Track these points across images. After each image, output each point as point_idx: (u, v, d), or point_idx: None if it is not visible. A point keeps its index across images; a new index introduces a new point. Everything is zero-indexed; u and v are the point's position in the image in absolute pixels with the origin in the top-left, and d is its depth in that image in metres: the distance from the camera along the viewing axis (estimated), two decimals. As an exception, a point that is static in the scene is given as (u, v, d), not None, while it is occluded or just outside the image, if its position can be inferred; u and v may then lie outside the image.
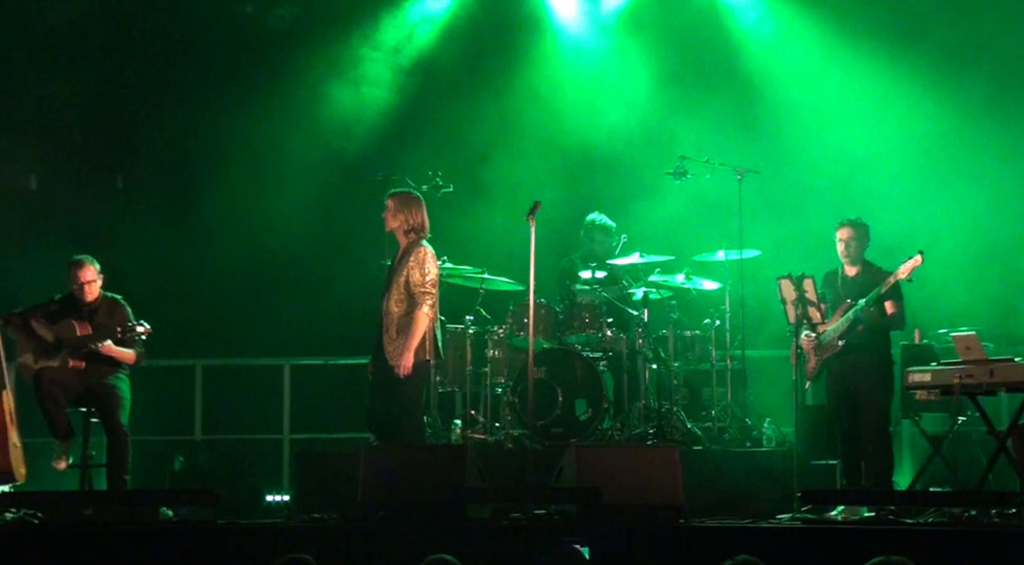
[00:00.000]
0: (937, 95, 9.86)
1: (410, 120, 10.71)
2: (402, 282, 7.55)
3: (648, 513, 6.97)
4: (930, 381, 7.56)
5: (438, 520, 6.85)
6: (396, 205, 7.75)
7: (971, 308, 9.28)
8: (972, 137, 9.83)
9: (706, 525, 7.08)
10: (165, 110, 10.79)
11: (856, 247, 8.08)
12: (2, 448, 7.80)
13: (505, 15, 10.84)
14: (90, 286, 8.19)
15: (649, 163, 9.78)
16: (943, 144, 9.90)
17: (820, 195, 9.78)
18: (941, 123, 9.86)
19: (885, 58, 10.06)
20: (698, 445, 8.43)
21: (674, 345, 8.89)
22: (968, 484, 7.54)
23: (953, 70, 9.92)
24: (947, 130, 9.86)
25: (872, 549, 5.30)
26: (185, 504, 7.72)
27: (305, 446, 9.86)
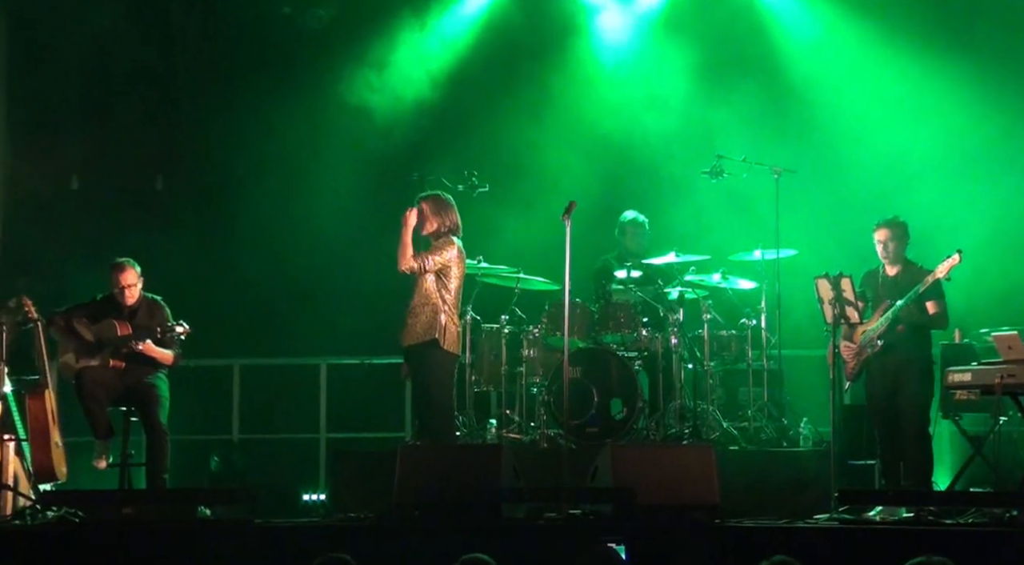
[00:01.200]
0: (978, 95, 9.76)
1: (446, 120, 10.71)
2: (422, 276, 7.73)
3: (684, 513, 6.95)
4: (971, 381, 7.53)
5: (473, 519, 6.85)
6: (430, 209, 7.87)
7: (1013, 308, 9.18)
8: (1016, 138, 9.74)
9: (742, 525, 7.03)
10: (205, 112, 10.84)
11: (895, 247, 8.04)
12: (44, 447, 7.90)
13: (542, 15, 10.81)
14: (131, 289, 8.25)
15: (686, 162, 9.75)
16: (984, 144, 9.80)
17: (858, 194, 9.72)
18: (982, 122, 9.75)
19: (925, 58, 9.96)
20: (734, 445, 8.42)
21: (710, 345, 8.86)
22: (1009, 484, 7.49)
23: (996, 70, 9.83)
24: (989, 129, 9.76)
25: (911, 550, 5.25)
26: (223, 503, 7.76)
27: (341, 445, 9.85)
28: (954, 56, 9.88)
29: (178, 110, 10.83)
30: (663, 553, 6.31)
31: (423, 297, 7.75)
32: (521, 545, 6.34)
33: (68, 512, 7.26)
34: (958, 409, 8.29)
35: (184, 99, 10.84)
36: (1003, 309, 9.16)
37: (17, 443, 7.85)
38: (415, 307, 7.73)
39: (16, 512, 7.61)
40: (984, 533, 6.56)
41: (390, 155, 10.44)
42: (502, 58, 10.77)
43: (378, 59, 10.74)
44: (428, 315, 7.72)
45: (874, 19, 10.20)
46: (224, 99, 10.84)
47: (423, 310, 7.73)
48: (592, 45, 10.80)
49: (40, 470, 7.89)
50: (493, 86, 10.71)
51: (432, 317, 7.72)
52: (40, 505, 7.51)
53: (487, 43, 10.79)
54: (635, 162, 10.31)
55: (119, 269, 8.26)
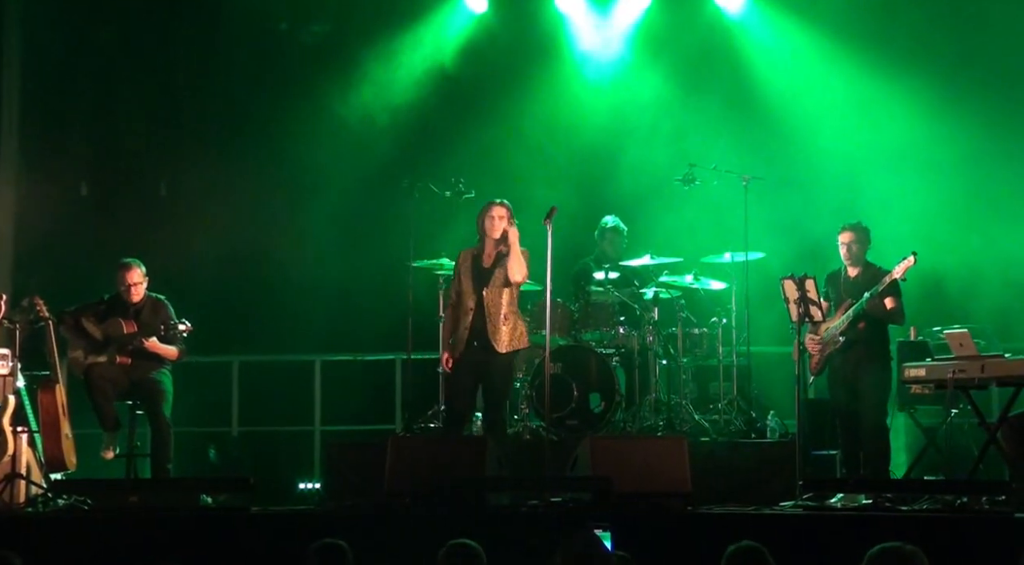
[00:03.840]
0: (933, 104, 9.82)
1: (434, 130, 10.71)
2: (503, 276, 7.60)
3: (658, 501, 7.00)
4: (925, 376, 7.57)
5: (460, 507, 6.88)
6: (510, 214, 7.73)
7: (964, 306, 9.26)
8: (966, 142, 9.78)
9: (713, 512, 7.09)
10: (206, 122, 10.82)
11: (858, 250, 8.08)
12: (55, 439, 7.88)
13: (524, 31, 10.83)
14: (136, 287, 8.26)
15: (660, 170, 9.72)
16: (939, 150, 9.84)
17: (821, 200, 9.74)
18: (936, 131, 9.81)
19: (883, 70, 10.03)
20: (705, 436, 8.43)
21: (683, 342, 8.89)
22: (960, 473, 7.53)
23: (949, 80, 9.88)
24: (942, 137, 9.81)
25: (870, 534, 5.35)
26: (223, 492, 7.75)
27: (335, 437, 9.87)
28: (911, 67, 9.93)
29: (181, 121, 10.79)
30: (638, 538, 6.29)
31: (514, 306, 7.67)
32: (505, 531, 6.34)
33: (78, 500, 7.32)
34: (913, 402, 8.37)
35: (186, 111, 10.80)
36: (955, 307, 9.23)
37: (30, 435, 7.81)
38: (508, 315, 7.61)
39: (29, 499, 7.59)
40: (937, 518, 6.62)
41: (381, 163, 10.43)
42: (487, 72, 10.78)
43: (370, 72, 10.74)
44: (518, 324, 7.68)
45: (834, 36, 10.25)
46: (224, 110, 10.82)
47: (514, 319, 7.66)
48: (572, 60, 10.81)
49: (51, 460, 7.88)
50: (479, 98, 10.72)
51: (520, 326, 7.70)
52: (51, 493, 7.55)
53: (472, 57, 10.80)
54: (613, 170, 10.29)
55: (125, 269, 8.27)
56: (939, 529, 6.40)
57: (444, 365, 7.78)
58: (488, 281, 7.63)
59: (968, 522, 6.52)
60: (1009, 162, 9.82)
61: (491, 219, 7.68)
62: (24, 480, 7.66)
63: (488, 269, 7.69)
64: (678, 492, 7.05)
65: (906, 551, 4.43)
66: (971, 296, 9.42)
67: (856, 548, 4.61)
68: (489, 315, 7.59)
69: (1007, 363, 7.19)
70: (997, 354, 7.35)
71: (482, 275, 7.67)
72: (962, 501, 6.79)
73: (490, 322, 7.58)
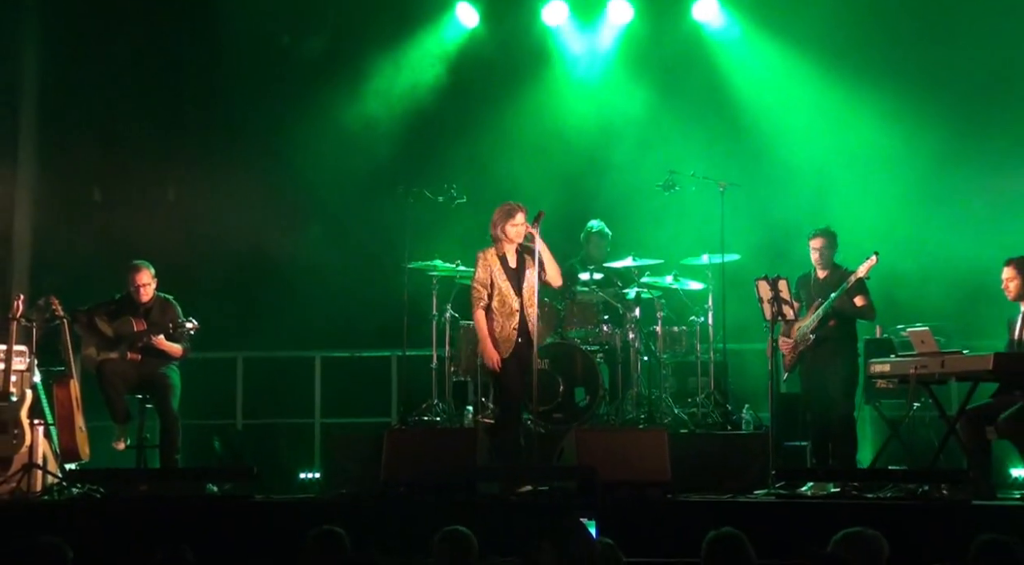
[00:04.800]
0: (895, 114, 9.86)
1: (427, 138, 10.71)
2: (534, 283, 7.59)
3: (639, 489, 7.04)
4: (889, 371, 7.58)
5: (452, 495, 6.91)
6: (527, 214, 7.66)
7: (928, 305, 9.29)
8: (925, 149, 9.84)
9: (691, 500, 7.13)
10: (211, 130, 10.83)
11: (827, 254, 8.16)
12: (70, 431, 7.94)
13: (514, 44, 10.84)
14: (145, 288, 8.30)
15: (642, 176, 9.76)
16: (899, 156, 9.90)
17: (792, 205, 9.79)
18: (897, 138, 9.87)
19: (848, 83, 10.07)
20: (684, 428, 8.44)
21: (663, 339, 8.91)
22: (922, 462, 7.55)
23: (909, 91, 9.91)
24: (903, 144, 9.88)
25: (838, 520, 5.41)
26: (228, 480, 7.78)
27: (334, 429, 9.81)
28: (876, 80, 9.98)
29: (187, 130, 10.80)
30: (621, 525, 6.28)
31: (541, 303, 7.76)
32: (495, 518, 6.36)
33: (91, 488, 7.38)
34: (879, 396, 8.41)
35: (193, 120, 10.81)
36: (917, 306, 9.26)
37: (46, 427, 7.87)
38: (540, 311, 7.70)
39: (45, 488, 7.66)
40: (900, 505, 6.68)
41: (377, 170, 10.44)
42: (478, 83, 10.79)
43: (367, 83, 10.76)
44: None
45: (804, 51, 10.28)
46: (228, 120, 10.83)
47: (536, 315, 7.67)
48: (559, 71, 10.83)
49: (66, 451, 7.93)
50: (470, 107, 10.71)
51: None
52: (66, 482, 7.60)
53: (464, 69, 10.81)
54: (598, 176, 10.32)
55: (135, 270, 8.31)
56: (902, 515, 6.46)
57: (495, 365, 7.55)
58: (523, 282, 7.59)
59: (929, 509, 6.59)
60: (964, 167, 9.87)
61: (515, 227, 7.57)
62: (41, 470, 7.72)
63: (515, 270, 7.64)
64: (658, 481, 7.09)
65: (868, 535, 4.53)
66: (932, 295, 9.44)
67: (825, 533, 4.70)
68: (528, 315, 7.57)
69: (965, 359, 7.21)
70: (956, 351, 7.37)
71: (516, 277, 7.61)
72: (923, 489, 6.85)
73: (529, 321, 7.56)
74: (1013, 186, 9.83)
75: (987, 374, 7.13)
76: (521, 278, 7.61)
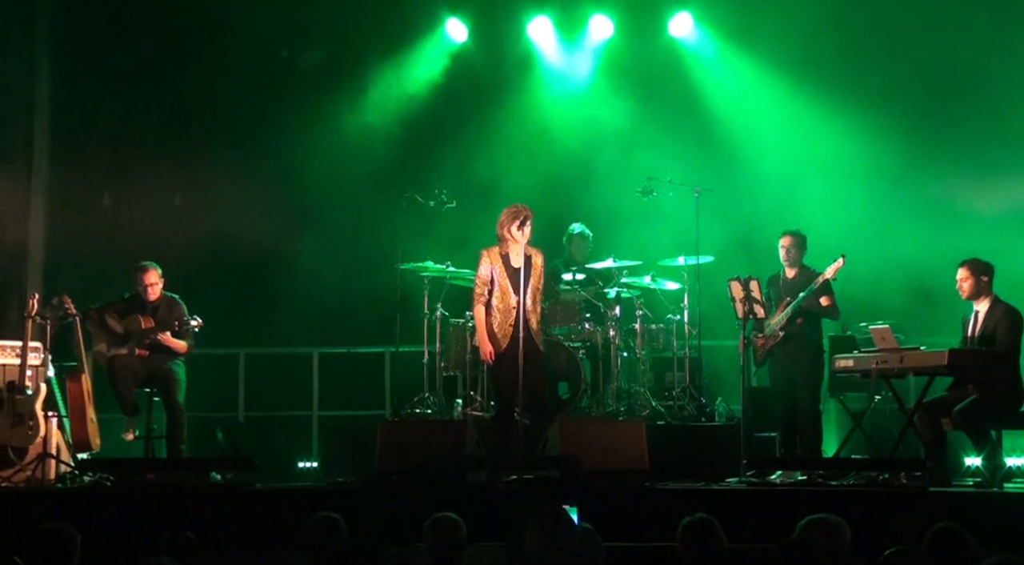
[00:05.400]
0: (860, 125, 9.90)
1: (419, 145, 10.69)
2: (534, 281, 7.55)
3: (619, 477, 7.05)
4: (853, 366, 7.60)
5: (442, 484, 6.91)
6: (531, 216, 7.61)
7: (888, 304, 9.33)
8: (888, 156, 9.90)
9: (668, 487, 7.14)
10: (215, 139, 10.80)
11: (796, 253, 8.19)
12: (81, 422, 7.94)
13: (499, 56, 10.84)
14: (153, 288, 8.31)
15: (622, 182, 9.76)
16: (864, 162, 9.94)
17: (764, 209, 9.82)
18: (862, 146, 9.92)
19: (816, 93, 10.10)
20: (661, 420, 8.45)
21: (642, 336, 8.92)
22: (882, 452, 7.58)
23: (874, 104, 9.95)
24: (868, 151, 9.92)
25: (805, 506, 5.41)
26: (230, 470, 7.79)
27: (331, 421, 9.86)
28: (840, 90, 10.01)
29: (193, 137, 10.76)
30: (602, 511, 6.26)
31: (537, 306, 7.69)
32: (483, 505, 6.37)
33: (102, 476, 7.39)
34: (843, 390, 8.39)
35: (198, 128, 10.77)
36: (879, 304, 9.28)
37: (59, 419, 7.88)
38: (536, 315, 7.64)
39: (59, 476, 7.68)
40: (862, 492, 6.73)
41: (372, 176, 10.43)
42: (467, 94, 10.78)
43: (362, 93, 10.75)
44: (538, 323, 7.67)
45: (774, 64, 10.30)
46: (231, 128, 10.80)
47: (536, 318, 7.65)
48: (544, 83, 10.82)
49: (78, 442, 7.94)
50: (460, 117, 10.70)
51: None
52: (78, 471, 7.62)
53: (454, 81, 10.81)
54: (580, 181, 10.30)
55: (143, 271, 8.32)
56: (864, 502, 6.50)
57: (487, 358, 7.53)
58: (524, 282, 7.51)
59: (889, 496, 6.63)
60: (922, 174, 9.91)
61: (523, 230, 7.53)
62: (54, 459, 7.73)
63: (518, 270, 7.54)
64: (637, 470, 7.09)
65: (831, 521, 4.56)
66: (893, 294, 9.48)
67: (792, 519, 4.71)
68: (528, 314, 7.49)
69: (923, 355, 7.25)
70: (915, 347, 7.41)
71: (517, 276, 7.53)
72: (884, 477, 6.91)
73: (530, 320, 7.50)
74: (966, 192, 9.89)
75: (942, 369, 7.18)
76: (523, 278, 7.51)
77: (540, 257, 7.67)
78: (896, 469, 6.95)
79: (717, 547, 4.55)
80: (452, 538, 4.75)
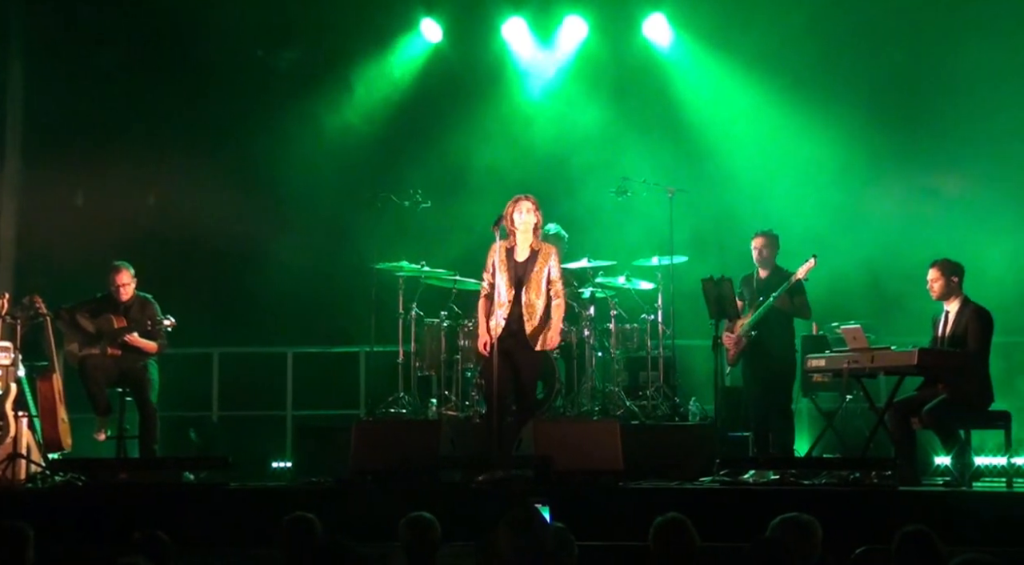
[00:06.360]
0: (832, 126, 9.95)
1: (395, 145, 10.68)
2: (543, 277, 7.30)
3: (593, 477, 7.04)
4: (824, 366, 7.62)
5: (417, 483, 6.91)
6: (537, 206, 7.36)
7: (859, 304, 9.39)
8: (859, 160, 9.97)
9: (641, 487, 7.14)
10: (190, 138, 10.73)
11: (768, 254, 8.22)
12: (52, 422, 7.88)
13: (477, 57, 10.85)
14: (125, 288, 8.25)
15: (597, 182, 9.79)
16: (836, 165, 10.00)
17: (737, 209, 9.86)
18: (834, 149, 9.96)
19: (787, 96, 10.16)
20: (635, 420, 8.46)
21: (616, 336, 8.94)
22: (854, 451, 7.61)
23: (846, 106, 10.00)
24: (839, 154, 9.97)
25: (778, 505, 5.42)
26: (204, 469, 7.78)
27: (305, 421, 9.86)
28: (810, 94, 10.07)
29: (168, 137, 10.70)
30: (575, 510, 6.25)
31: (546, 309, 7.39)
32: (457, 504, 6.36)
33: (73, 477, 7.33)
34: (815, 389, 8.41)
35: (173, 128, 10.71)
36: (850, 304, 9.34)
37: (29, 419, 7.80)
38: (542, 317, 7.34)
39: (29, 477, 7.58)
40: (834, 491, 6.76)
41: (347, 176, 10.42)
42: (442, 93, 10.78)
43: (338, 94, 10.75)
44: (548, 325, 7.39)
45: (747, 67, 10.34)
46: (206, 127, 10.75)
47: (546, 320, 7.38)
48: (519, 83, 10.83)
49: (49, 441, 7.88)
50: (435, 117, 10.70)
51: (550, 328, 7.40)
52: (49, 471, 7.56)
53: (429, 81, 10.81)
54: (555, 181, 10.27)
55: (115, 271, 8.26)
56: (835, 501, 6.53)
57: (483, 349, 7.30)
58: (525, 276, 7.28)
59: (860, 495, 6.66)
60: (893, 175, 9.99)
61: (520, 215, 7.28)
62: (25, 459, 7.64)
63: (521, 263, 7.32)
64: (611, 469, 7.09)
65: (803, 520, 4.57)
66: (863, 294, 9.55)
67: (765, 517, 4.71)
68: (525, 309, 7.26)
69: (893, 354, 7.28)
70: (885, 347, 7.42)
71: (517, 270, 7.29)
72: (855, 476, 6.93)
73: (526, 316, 7.25)
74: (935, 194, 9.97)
75: (912, 368, 7.22)
76: (523, 273, 7.28)
77: (551, 251, 7.37)
78: (867, 468, 6.98)
79: (689, 546, 4.56)
80: (427, 537, 4.75)
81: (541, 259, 7.37)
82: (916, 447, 7.53)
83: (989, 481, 7.88)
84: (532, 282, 7.31)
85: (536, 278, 7.31)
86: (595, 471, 7.08)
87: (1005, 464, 7.50)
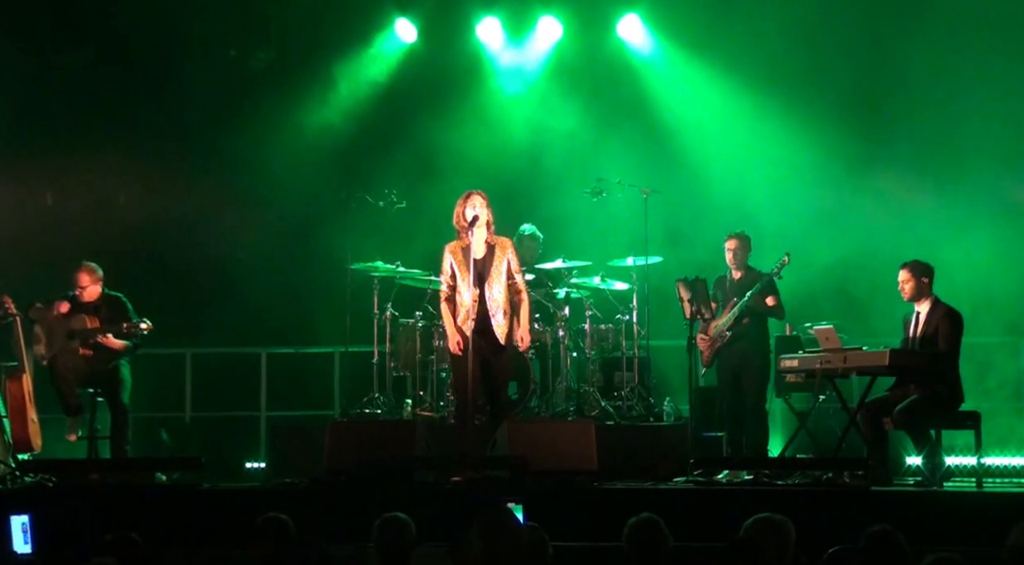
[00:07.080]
0: (807, 127, 9.97)
1: (369, 146, 10.66)
2: (503, 270, 7.25)
3: (567, 477, 7.03)
4: (798, 366, 7.66)
5: (392, 484, 6.89)
6: (487, 200, 7.27)
7: (831, 305, 9.42)
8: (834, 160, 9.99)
9: (616, 487, 7.17)
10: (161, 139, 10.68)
11: (741, 255, 8.26)
12: (22, 423, 7.84)
13: (451, 57, 10.82)
14: (88, 289, 8.15)
15: (572, 183, 9.81)
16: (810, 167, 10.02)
17: (711, 211, 9.88)
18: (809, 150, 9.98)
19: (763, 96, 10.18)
20: (610, 420, 8.48)
21: (591, 336, 8.96)
22: (826, 451, 7.65)
23: (821, 106, 10.03)
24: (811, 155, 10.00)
25: (751, 505, 5.46)
26: (176, 470, 7.74)
27: (279, 422, 9.82)
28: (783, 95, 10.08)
29: (138, 138, 10.63)
30: (550, 511, 6.23)
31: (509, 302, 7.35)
32: (432, 505, 6.34)
33: (43, 478, 7.28)
34: (788, 389, 8.40)
35: (144, 129, 10.65)
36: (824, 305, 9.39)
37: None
38: (507, 311, 7.29)
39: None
40: (807, 491, 6.80)
41: (322, 176, 10.40)
42: (417, 94, 10.76)
43: (311, 94, 10.71)
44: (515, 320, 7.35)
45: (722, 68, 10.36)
46: (179, 128, 10.71)
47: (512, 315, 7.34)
48: (494, 84, 10.81)
49: (19, 442, 7.83)
50: (409, 117, 10.68)
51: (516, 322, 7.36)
52: (19, 472, 7.50)
53: (403, 81, 10.79)
54: (530, 182, 10.33)
55: (76, 271, 8.17)
56: (808, 501, 6.55)
57: (456, 349, 7.23)
58: (486, 273, 7.23)
59: (833, 494, 6.72)
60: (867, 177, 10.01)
61: (474, 210, 7.19)
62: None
63: (479, 260, 7.25)
64: (586, 470, 7.09)
65: (776, 520, 4.59)
66: (836, 295, 9.59)
67: (738, 518, 4.71)
68: (488, 307, 7.21)
69: (865, 355, 7.32)
70: (857, 347, 7.47)
71: (476, 268, 7.21)
72: (828, 476, 6.98)
73: (491, 313, 7.20)
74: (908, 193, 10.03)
75: (884, 369, 7.28)
76: (483, 269, 7.23)
77: (506, 245, 7.35)
78: (840, 468, 7.02)
79: (663, 546, 4.57)
80: (401, 538, 4.74)
81: (499, 252, 7.33)
82: (888, 447, 7.59)
83: (960, 481, 7.96)
84: (493, 277, 7.27)
85: (496, 272, 7.28)
86: (570, 471, 7.07)
87: (975, 464, 7.58)
